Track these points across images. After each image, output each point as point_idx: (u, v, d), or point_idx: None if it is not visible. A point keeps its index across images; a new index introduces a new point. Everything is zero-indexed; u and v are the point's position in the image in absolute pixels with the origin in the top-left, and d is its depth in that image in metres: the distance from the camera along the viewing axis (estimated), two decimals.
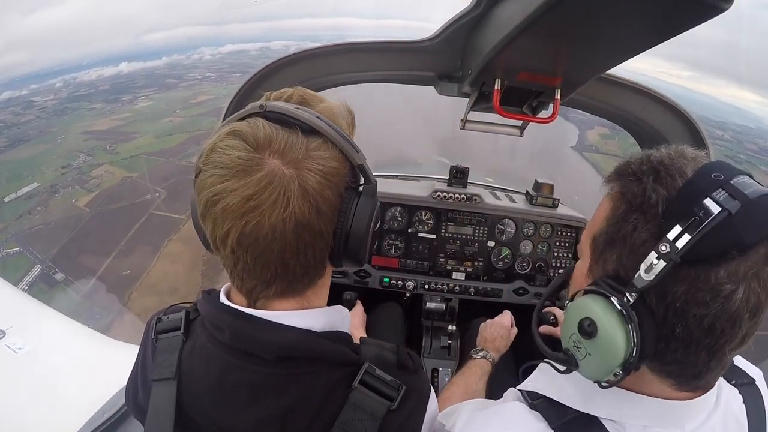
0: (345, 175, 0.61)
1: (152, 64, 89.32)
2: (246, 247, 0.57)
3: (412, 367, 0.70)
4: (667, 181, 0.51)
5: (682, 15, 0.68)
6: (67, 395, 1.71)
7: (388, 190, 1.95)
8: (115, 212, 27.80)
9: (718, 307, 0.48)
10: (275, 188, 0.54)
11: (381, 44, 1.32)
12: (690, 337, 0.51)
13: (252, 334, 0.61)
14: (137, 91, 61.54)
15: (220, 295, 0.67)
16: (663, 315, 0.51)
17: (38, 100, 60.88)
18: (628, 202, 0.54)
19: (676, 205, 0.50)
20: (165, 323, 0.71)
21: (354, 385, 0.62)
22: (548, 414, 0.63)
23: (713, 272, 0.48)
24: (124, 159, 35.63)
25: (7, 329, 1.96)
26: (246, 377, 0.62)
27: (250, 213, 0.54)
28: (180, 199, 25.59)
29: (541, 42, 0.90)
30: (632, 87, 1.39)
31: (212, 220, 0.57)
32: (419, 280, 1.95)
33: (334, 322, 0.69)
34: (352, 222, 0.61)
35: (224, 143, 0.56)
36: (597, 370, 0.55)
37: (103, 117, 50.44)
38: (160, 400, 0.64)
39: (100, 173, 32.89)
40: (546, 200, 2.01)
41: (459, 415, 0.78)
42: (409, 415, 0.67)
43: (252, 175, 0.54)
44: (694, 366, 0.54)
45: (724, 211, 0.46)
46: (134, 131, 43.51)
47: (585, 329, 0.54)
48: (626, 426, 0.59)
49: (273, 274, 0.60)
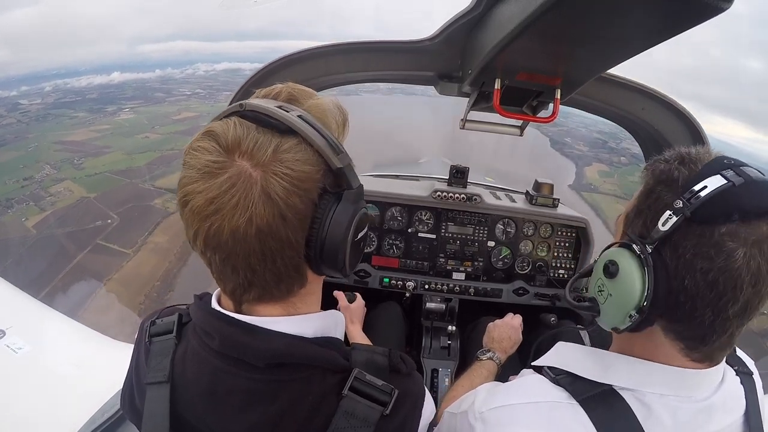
0: (318, 180, 0.57)
1: (145, 75, 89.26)
2: (213, 249, 0.56)
3: (405, 371, 0.69)
4: (690, 165, 0.61)
5: (682, 15, 0.68)
6: (67, 395, 1.71)
7: (388, 190, 1.95)
8: (62, 238, 26.07)
9: (721, 263, 0.56)
10: (236, 191, 0.53)
11: (381, 44, 1.32)
12: (696, 290, 0.58)
13: (241, 340, 0.60)
14: (123, 102, 61.13)
15: (211, 300, 0.67)
16: (674, 267, 0.59)
17: (24, 103, 60.54)
18: (656, 177, 0.64)
19: (693, 180, 0.59)
20: (158, 326, 0.70)
21: (344, 393, 0.61)
22: (572, 388, 0.68)
23: (717, 229, 0.56)
24: (87, 176, 34.67)
25: (7, 329, 1.96)
26: (238, 383, 0.61)
27: (212, 216, 0.53)
28: (132, 230, 23.90)
29: (541, 42, 0.90)
30: (632, 87, 1.39)
31: (185, 220, 0.57)
32: (419, 280, 1.95)
33: (327, 328, 0.68)
34: (327, 230, 0.57)
35: (198, 144, 0.56)
36: (616, 312, 0.63)
37: (83, 127, 49.77)
38: (155, 403, 0.64)
39: (59, 190, 31.83)
40: (546, 200, 2.01)
41: (476, 394, 0.80)
42: (404, 419, 0.66)
43: (217, 177, 0.53)
44: (701, 325, 0.60)
45: (729, 182, 0.56)
46: (107, 145, 42.61)
47: (609, 270, 0.64)
48: (644, 395, 0.64)
49: (244, 278, 0.58)
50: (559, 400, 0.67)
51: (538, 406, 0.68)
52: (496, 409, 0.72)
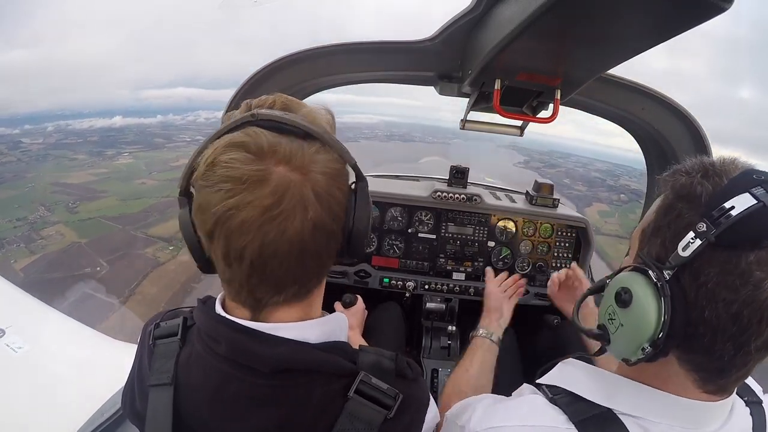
0: (346, 175, 0.63)
1: (146, 120, 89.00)
2: (266, 257, 0.56)
3: (411, 376, 0.70)
4: (714, 179, 0.55)
5: (682, 15, 0.68)
6: (67, 395, 1.71)
7: (388, 190, 1.94)
8: (48, 283, 24.41)
9: (747, 295, 0.50)
10: (292, 196, 0.55)
11: (381, 44, 1.32)
12: (717, 323, 0.52)
13: (249, 347, 0.61)
14: (123, 147, 60.75)
15: (215, 305, 0.67)
16: (694, 296, 0.53)
17: (26, 141, 60.23)
18: (676, 192, 0.58)
19: (718, 198, 0.53)
20: (163, 329, 0.70)
21: (349, 395, 0.62)
22: (569, 409, 0.64)
23: (744, 257, 0.50)
24: (81, 220, 33.85)
25: (7, 328, 1.96)
26: (244, 388, 0.62)
27: (270, 223, 0.54)
28: (119, 280, 22.78)
29: (541, 42, 0.90)
30: (632, 87, 1.39)
31: (225, 237, 0.56)
32: (419, 281, 1.95)
33: (331, 331, 0.68)
34: (355, 217, 0.63)
35: (227, 156, 0.55)
36: (628, 343, 0.58)
37: (81, 170, 49.23)
38: (159, 406, 0.64)
39: (51, 233, 30.94)
40: (546, 200, 2.01)
41: (474, 409, 0.77)
42: (407, 423, 0.66)
43: (264, 185, 0.54)
44: (720, 358, 0.55)
45: (759, 203, 0.49)
46: (104, 190, 42.00)
47: (621, 298, 0.59)
48: (648, 423, 0.60)
49: (291, 279, 0.60)
50: (556, 425, 0.63)
51: (534, 430, 0.65)
52: (490, 429, 0.70)
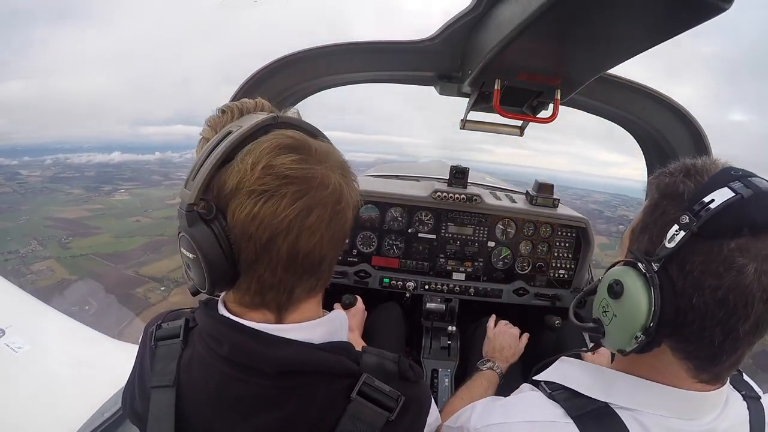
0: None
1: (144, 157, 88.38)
2: (324, 253, 0.61)
3: (413, 378, 0.70)
4: (696, 178, 0.59)
5: (682, 15, 0.68)
6: (67, 395, 1.71)
7: (388, 190, 1.95)
8: None
9: (731, 280, 0.53)
10: (342, 192, 0.61)
11: (381, 44, 1.32)
12: (705, 309, 0.55)
13: (251, 347, 0.61)
14: (120, 183, 60.35)
15: (218, 306, 0.67)
16: (682, 285, 0.57)
17: (23, 174, 59.87)
18: (661, 191, 0.62)
19: (699, 193, 0.57)
20: (164, 330, 0.70)
21: (352, 396, 0.63)
22: (567, 404, 0.66)
23: (726, 245, 0.54)
24: (72, 256, 33.00)
25: (7, 328, 1.96)
26: (247, 389, 0.62)
27: (336, 216, 0.60)
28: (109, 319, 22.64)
29: (541, 42, 0.90)
30: (632, 87, 1.39)
31: (291, 239, 0.57)
32: (419, 281, 1.95)
33: (334, 331, 0.69)
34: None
35: (286, 158, 0.58)
36: (622, 333, 0.61)
37: (76, 205, 48.56)
38: (161, 407, 0.64)
39: (41, 269, 30.16)
40: (546, 200, 2.01)
41: (474, 408, 0.79)
42: (409, 425, 0.67)
43: (327, 184, 0.59)
44: (710, 345, 0.57)
45: (737, 195, 0.53)
46: (97, 226, 41.17)
47: (613, 290, 0.62)
48: (644, 416, 0.62)
49: (326, 270, 0.65)
50: (555, 419, 0.65)
51: (532, 425, 0.66)
52: (490, 426, 0.71)
